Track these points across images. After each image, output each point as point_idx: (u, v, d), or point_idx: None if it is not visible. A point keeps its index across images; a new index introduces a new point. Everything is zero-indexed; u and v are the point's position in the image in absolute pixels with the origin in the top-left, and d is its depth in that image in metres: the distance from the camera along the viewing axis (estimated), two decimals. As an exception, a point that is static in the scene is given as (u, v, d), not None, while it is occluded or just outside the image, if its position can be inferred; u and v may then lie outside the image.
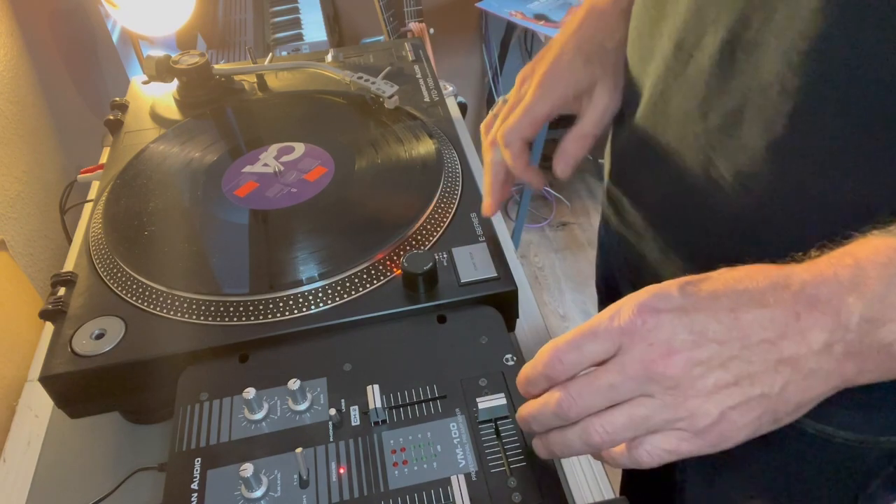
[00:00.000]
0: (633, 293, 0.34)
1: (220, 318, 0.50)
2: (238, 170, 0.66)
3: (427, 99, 0.75)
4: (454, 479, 0.39)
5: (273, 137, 0.70)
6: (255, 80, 0.80)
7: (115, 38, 1.20)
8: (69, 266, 0.66)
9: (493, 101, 2.07)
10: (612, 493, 0.48)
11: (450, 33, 1.82)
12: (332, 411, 0.43)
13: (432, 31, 1.61)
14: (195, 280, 0.53)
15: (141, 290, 0.53)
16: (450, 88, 0.87)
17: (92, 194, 0.78)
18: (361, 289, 0.52)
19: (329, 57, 0.84)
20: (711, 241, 0.47)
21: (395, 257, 0.53)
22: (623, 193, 0.58)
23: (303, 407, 0.45)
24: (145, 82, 0.83)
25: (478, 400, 0.43)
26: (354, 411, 0.44)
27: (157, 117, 0.77)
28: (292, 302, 0.51)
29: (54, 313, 0.51)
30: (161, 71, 0.77)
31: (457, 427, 0.43)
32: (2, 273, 0.65)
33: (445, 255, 0.54)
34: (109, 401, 0.51)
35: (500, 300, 0.51)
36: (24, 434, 0.55)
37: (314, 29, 1.38)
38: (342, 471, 0.41)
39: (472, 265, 0.52)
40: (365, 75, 0.75)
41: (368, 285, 0.52)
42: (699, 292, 0.32)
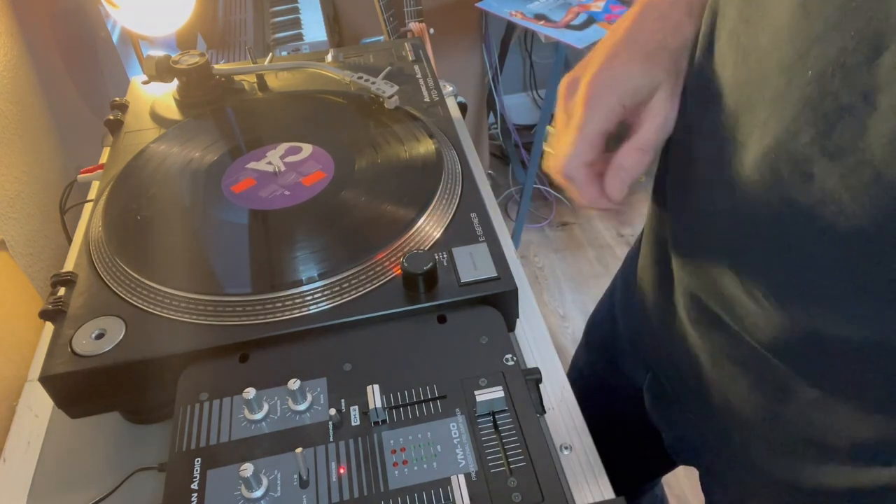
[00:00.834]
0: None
1: (220, 318, 0.50)
2: (238, 170, 0.66)
3: (427, 99, 0.75)
4: (454, 479, 0.40)
5: (273, 137, 0.70)
6: (255, 80, 0.80)
7: (115, 38, 1.20)
8: (69, 266, 0.66)
9: (493, 101, 2.07)
10: (612, 493, 0.48)
11: (450, 33, 1.81)
12: (332, 411, 0.43)
13: (432, 31, 1.61)
14: (195, 280, 0.53)
15: (141, 290, 0.53)
16: (450, 88, 0.87)
17: (92, 194, 0.78)
18: (361, 289, 0.52)
19: (329, 57, 0.84)
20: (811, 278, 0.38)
21: (395, 257, 0.53)
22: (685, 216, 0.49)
23: (303, 407, 0.45)
24: (145, 82, 0.83)
25: (476, 393, 0.43)
26: (354, 411, 0.44)
27: (157, 117, 0.77)
28: (292, 302, 0.51)
29: (54, 313, 0.51)
30: (161, 71, 0.77)
31: (457, 427, 0.43)
32: (2, 273, 0.65)
33: (445, 255, 0.54)
34: (109, 401, 0.51)
35: (500, 300, 0.51)
36: (24, 434, 0.55)
37: (314, 29, 1.38)
38: (342, 471, 0.41)
39: (472, 265, 0.52)
40: (365, 75, 0.75)
41: (368, 285, 0.52)
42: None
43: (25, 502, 0.50)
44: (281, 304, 0.51)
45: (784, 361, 0.43)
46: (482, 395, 0.43)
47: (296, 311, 0.50)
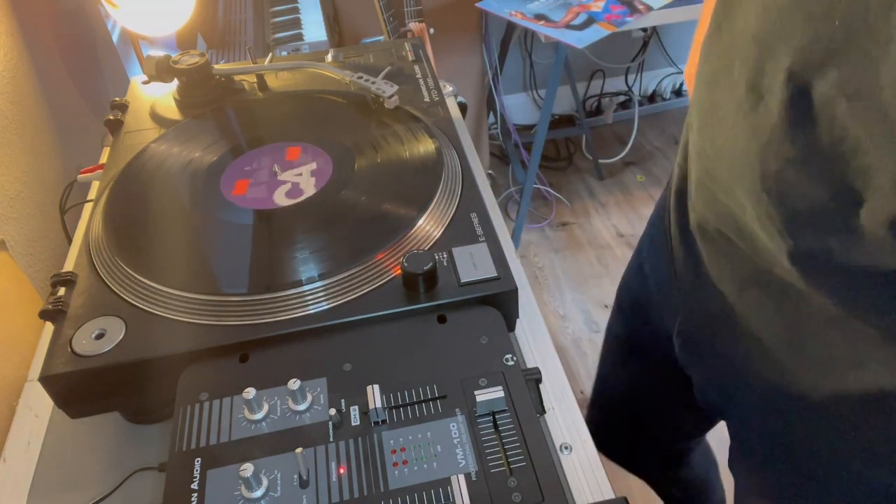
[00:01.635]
0: None
1: (220, 318, 0.50)
2: (238, 169, 0.66)
3: (427, 99, 0.75)
4: (454, 479, 0.40)
5: (273, 137, 0.70)
6: (255, 80, 0.80)
7: (115, 38, 1.20)
8: (69, 266, 0.66)
9: (493, 101, 2.07)
10: (611, 493, 0.48)
11: (450, 33, 1.82)
12: (332, 411, 0.43)
13: (432, 31, 1.61)
14: (195, 280, 0.53)
15: (141, 290, 0.53)
16: (450, 88, 0.87)
17: (92, 194, 0.78)
18: (361, 289, 0.52)
19: (329, 57, 0.84)
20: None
21: (395, 257, 0.53)
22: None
23: (303, 407, 0.45)
24: (145, 82, 0.83)
25: (476, 393, 0.43)
26: (354, 411, 0.44)
27: (157, 117, 0.77)
28: (292, 302, 0.51)
29: (54, 313, 0.51)
30: (161, 71, 0.77)
31: (457, 427, 0.43)
32: (2, 273, 0.65)
33: (445, 255, 0.54)
34: (109, 401, 0.51)
35: (500, 300, 0.51)
36: (24, 434, 0.56)
37: (314, 29, 1.38)
38: (342, 471, 0.41)
39: (472, 265, 0.52)
40: (365, 75, 0.75)
41: (368, 285, 0.52)
42: None
43: (25, 502, 0.50)
44: (281, 304, 0.51)
45: (801, 279, 0.47)
46: (482, 395, 0.43)
47: (296, 311, 0.50)
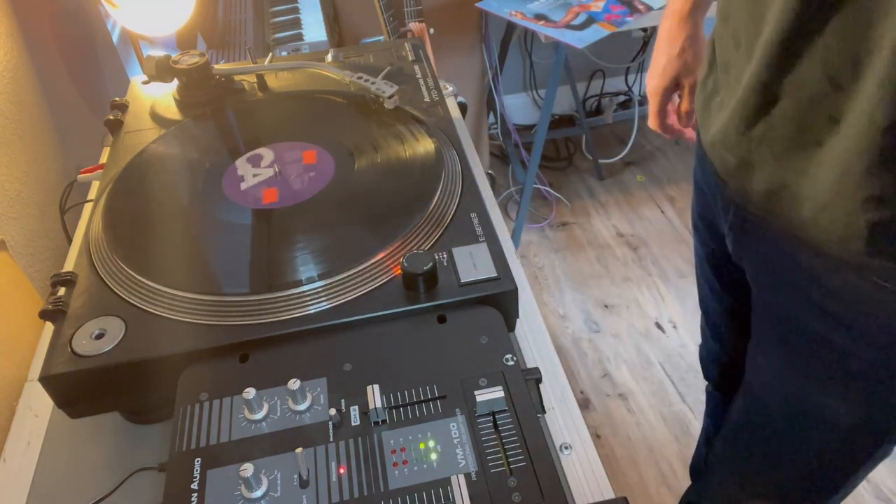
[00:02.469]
0: None
1: (220, 318, 0.50)
2: (238, 169, 0.66)
3: (427, 99, 0.75)
4: (454, 479, 0.40)
5: (273, 137, 0.70)
6: (255, 80, 0.80)
7: (115, 38, 1.20)
8: (69, 266, 0.66)
9: (493, 101, 2.07)
10: (612, 493, 0.48)
11: (450, 33, 1.81)
12: (332, 411, 0.43)
13: (432, 31, 1.61)
14: (195, 280, 0.53)
15: (141, 290, 0.53)
16: (450, 88, 0.87)
17: (92, 194, 0.78)
18: (361, 289, 0.52)
19: (329, 57, 0.84)
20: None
21: (395, 257, 0.53)
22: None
23: (303, 407, 0.45)
24: (145, 82, 0.83)
25: (476, 393, 0.43)
26: (354, 411, 0.44)
27: (157, 117, 0.77)
28: (292, 302, 0.51)
29: (54, 313, 0.51)
30: (161, 71, 0.77)
31: (457, 427, 0.43)
32: (2, 273, 0.65)
33: (445, 255, 0.54)
34: (109, 401, 0.51)
35: (500, 300, 0.51)
36: (24, 434, 0.56)
37: (314, 29, 1.38)
38: (342, 471, 0.41)
39: (472, 265, 0.52)
40: (365, 75, 0.75)
41: (368, 285, 0.52)
42: None
43: (25, 502, 0.50)
44: (281, 304, 0.51)
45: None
46: (482, 395, 0.43)
47: (296, 311, 0.50)
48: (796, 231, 0.59)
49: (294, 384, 0.44)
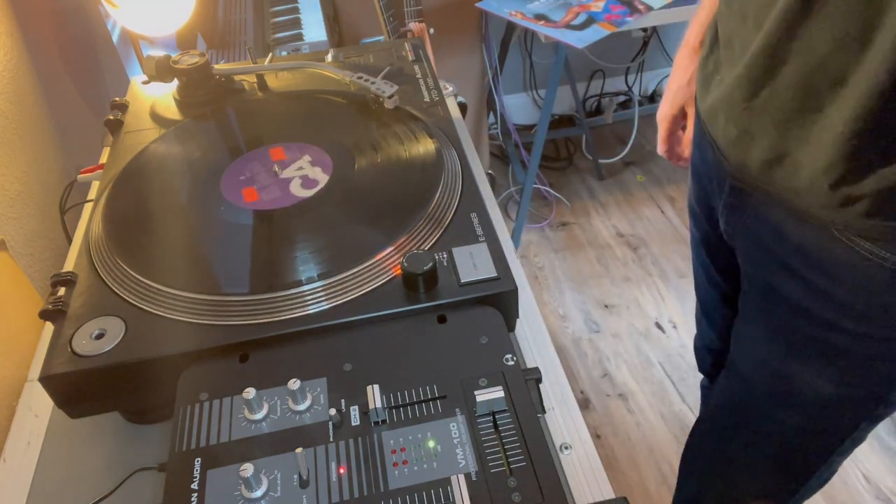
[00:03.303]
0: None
1: (220, 318, 0.50)
2: (238, 169, 0.66)
3: (427, 99, 0.75)
4: (454, 479, 0.40)
5: (273, 137, 0.70)
6: (255, 80, 0.80)
7: (115, 38, 1.20)
8: (69, 266, 0.66)
9: (493, 101, 2.07)
10: (611, 493, 0.48)
11: (450, 33, 1.81)
12: (332, 411, 0.43)
13: (432, 31, 1.61)
14: (195, 280, 0.53)
15: (141, 290, 0.53)
16: (450, 88, 0.87)
17: (92, 194, 0.78)
18: (361, 289, 0.52)
19: (329, 57, 0.84)
20: None
21: (395, 257, 0.53)
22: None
23: (303, 407, 0.45)
24: (145, 82, 0.83)
25: (476, 393, 0.43)
26: (354, 411, 0.44)
27: (157, 117, 0.77)
28: (292, 302, 0.51)
29: (54, 313, 0.51)
30: (161, 71, 0.77)
31: (457, 427, 0.43)
32: (2, 273, 0.65)
33: (445, 255, 0.54)
34: (109, 401, 0.51)
35: (500, 300, 0.51)
36: (24, 434, 0.56)
37: (314, 29, 1.38)
38: (342, 471, 0.41)
39: (472, 265, 0.52)
40: (365, 75, 0.75)
41: (368, 285, 0.52)
42: None
43: (25, 502, 0.50)
44: (281, 304, 0.51)
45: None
46: (482, 395, 0.43)
47: (296, 311, 0.50)
48: (791, 200, 0.60)
49: (294, 384, 0.44)
